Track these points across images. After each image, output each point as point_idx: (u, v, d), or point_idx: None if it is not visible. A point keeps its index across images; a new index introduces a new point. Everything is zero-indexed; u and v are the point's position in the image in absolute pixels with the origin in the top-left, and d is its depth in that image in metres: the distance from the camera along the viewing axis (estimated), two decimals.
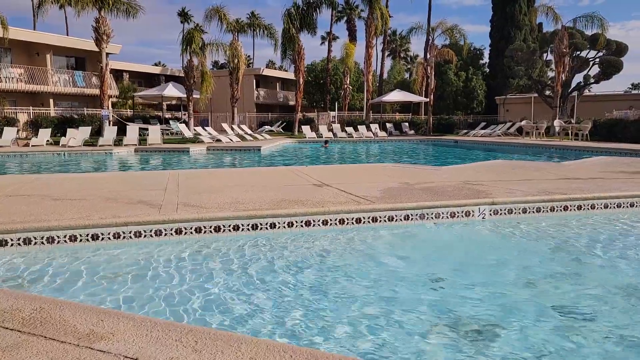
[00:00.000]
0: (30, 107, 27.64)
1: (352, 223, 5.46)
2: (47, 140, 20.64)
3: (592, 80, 31.48)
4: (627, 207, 6.40)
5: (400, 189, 6.85)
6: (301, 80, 31.50)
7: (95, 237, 4.76)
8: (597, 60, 30.61)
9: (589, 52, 30.61)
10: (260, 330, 3.18)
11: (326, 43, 43.83)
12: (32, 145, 19.64)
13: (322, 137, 26.68)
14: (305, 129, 28.04)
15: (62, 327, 2.44)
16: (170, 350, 2.20)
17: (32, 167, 14.47)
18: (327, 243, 5.06)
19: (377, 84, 43.14)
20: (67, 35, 36.52)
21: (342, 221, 5.43)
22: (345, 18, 45.81)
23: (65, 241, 4.69)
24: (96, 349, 2.21)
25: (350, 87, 38.67)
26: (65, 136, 20.84)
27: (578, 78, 31.54)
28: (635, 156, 13.94)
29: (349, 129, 28.65)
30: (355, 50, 37.47)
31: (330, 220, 5.39)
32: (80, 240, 4.72)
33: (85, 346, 2.23)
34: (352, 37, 41.07)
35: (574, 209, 6.20)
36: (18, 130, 22.95)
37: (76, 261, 4.40)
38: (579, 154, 15.69)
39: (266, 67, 53.41)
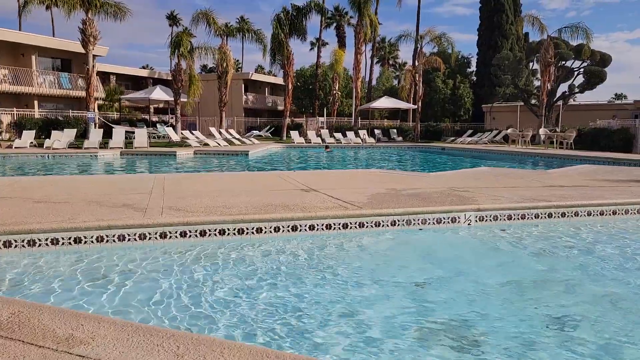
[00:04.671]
0: (14, 109, 27.24)
1: (339, 228, 5.45)
2: (31, 142, 20.36)
3: (576, 90, 31.98)
4: (610, 214, 6.49)
5: (387, 194, 6.86)
6: (290, 85, 31.49)
7: (77, 241, 4.69)
8: (582, 70, 31.12)
9: (573, 62, 31.12)
10: (242, 335, 3.15)
11: (315, 49, 44.03)
12: (15, 147, 19.34)
13: (310, 142, 26.75)
14: (294, 134, 28.04)
15: (40, 331, 2.39)
16: (152, 355, 2.16)
17: (15, 169, 14.24)
18: (313, 248, 5.04)
19: (366, 91, 43.34)
20: (54, 36, 36.11)
21: (328, 226, 5.41)
22: (334, 24, 46.15)
23: (46, 244, 4.61)
24: (75, 353, 2.16)
25: (339, 93, 38.79)
26: (49, 138, 20.58)
27: (563, 87, 32.07)
28: (618, 164, 14.16)
29: (338, 135, 28.71)
30: (345, 56, 37.67)
31: (317, 225, 5.38)
32: (63, 244, 4.64)
33: (64, 351, 2.18)
34: (342, 44, 41.25)
35: (558, 216, 6.26)
36: (1, 132, 22.63)
37: (57, 264, 4.33)
38: (564, 162, 15.89)
39: (255, 72, 53.35)
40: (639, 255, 5.16)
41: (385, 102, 33.22)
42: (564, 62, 30.79)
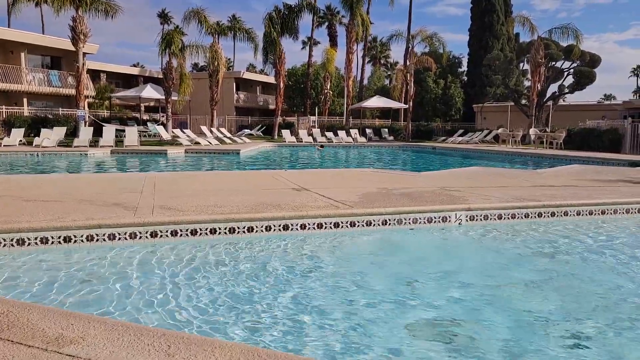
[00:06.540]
0: (3, 106, 26.94)
1: (330, 227, 5.46)
2: (20, 140, 20.14)
3: (566, 90, 32.29)
4: (599, 214, 6.55)
5: (378, 194, 6.88)
6: (282, 84, 31.43)
7: (67, 240, 4.65)
8: (572, 70, 31.42)
9: (563, 63, 31.42)
10: (234, 335, 3.15)
11: (307, 48, 44.01)
12: (4, 145, 19.12)
13: (301, 141, 26.74)
14: (285, 133, 28.01)
15: (29, 330, 2.37)
16: (142, 354, 2.15)
17: (4, 168, 14.09)
18: (305, 247, 5.04)
19: (358, 90, 43.39)
20: (43, 34, 35.76)
21: (320, 225, 5.42)
22: (326, 23, 46.18)
23: (36, 243, 4.57)
24: (65, 353, 2.15)
25: (331, 92, 38.81)
26: (39, 136, 20.36)
27: (553, 88, 32.40)
28: (607, 164, 14.30)
29: (329, 134, 28.72)
30: (336, 55, 37.69)
31: (309, 224, 5.38)
32: (52, 243, 4.61)
33: (54, 350, 2.17)
34: (333, 43, 41.20)
35: (548, 216, 6.31)
36: None
37: (46, 264, 4.29)
38: (554, 162, 16.03)
39: (247, 71, 53.20)
40: (628, 254, 5.22)
41: (376, 102, 33.28)
42: (554, 63, 31.07)
